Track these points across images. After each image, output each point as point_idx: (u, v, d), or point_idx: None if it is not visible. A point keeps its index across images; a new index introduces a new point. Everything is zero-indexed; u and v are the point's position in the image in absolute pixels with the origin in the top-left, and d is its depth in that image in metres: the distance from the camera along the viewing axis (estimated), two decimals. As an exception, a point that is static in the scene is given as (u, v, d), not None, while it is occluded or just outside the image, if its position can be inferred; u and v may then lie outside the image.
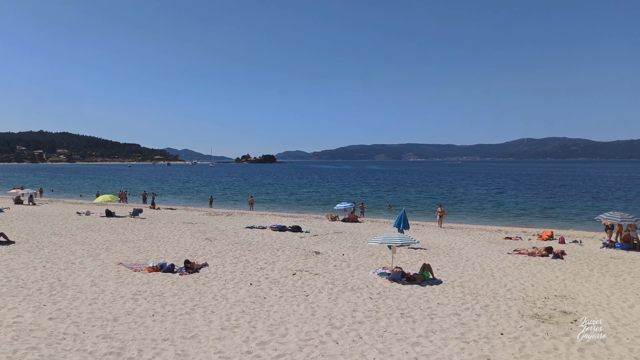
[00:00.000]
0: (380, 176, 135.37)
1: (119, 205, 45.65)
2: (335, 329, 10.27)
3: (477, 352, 9.01)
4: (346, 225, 31.05)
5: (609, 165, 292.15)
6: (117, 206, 44.28)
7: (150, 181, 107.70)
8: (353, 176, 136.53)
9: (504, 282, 15.11)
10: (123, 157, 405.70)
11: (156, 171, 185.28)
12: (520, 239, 25.82)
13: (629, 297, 13.34)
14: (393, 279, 14.88)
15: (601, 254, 20.97)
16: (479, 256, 19.84)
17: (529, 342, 9.61)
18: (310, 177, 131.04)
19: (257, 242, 22.55)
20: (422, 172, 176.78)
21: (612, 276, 16.16)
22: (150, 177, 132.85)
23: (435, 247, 22.28)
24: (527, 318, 11.23)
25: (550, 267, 17.75)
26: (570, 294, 13.58)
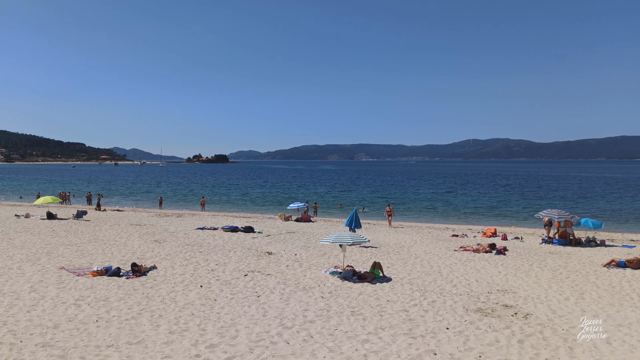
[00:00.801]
0: (334, 176, 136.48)
1: (62, 207, 43.72)
2: (286, 329, 10.31)
3: (424, 347, 9.30)
4: (299, 225, 31.14)
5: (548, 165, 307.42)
6: (60, 208, 42.37)
7: (96, 182, 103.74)
8: (307, 176, 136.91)
9: (450, 278, 15.64)
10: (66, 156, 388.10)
11: (102, 171, 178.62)
12: (466, 236, 26.78)
13: (564, 290, 14.13)
14: (344, 277, 15.07)
15: (540, 250, 22.09)
16: (427, 253, 20.43)
17: (472, 335, 10.01)
18: (264, 177, 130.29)
19: (208, 243, 22.24)
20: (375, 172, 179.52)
21: (550, 270, 17.05)
22: (96, 177, 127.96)
23: (386, 245, 22.74)
24: (472, 312, 11.68)
25: (494, 262, 18.52)
26: (511, 288, 14.23)
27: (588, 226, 24.37)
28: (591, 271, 16.99)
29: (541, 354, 9.00)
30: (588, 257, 20.18)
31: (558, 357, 8.85)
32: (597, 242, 24.03)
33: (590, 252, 21.46)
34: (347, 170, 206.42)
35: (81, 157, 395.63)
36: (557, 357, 8.82)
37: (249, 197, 63.48)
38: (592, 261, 19.07)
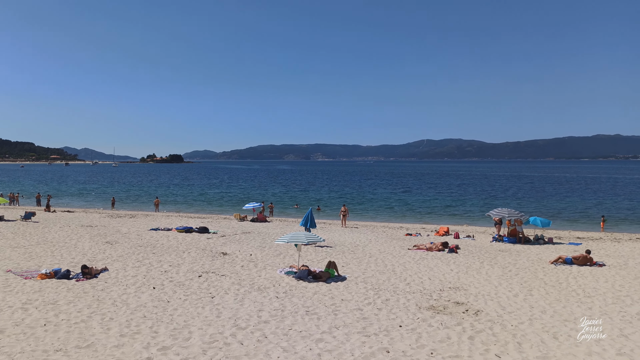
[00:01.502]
0: (291, 176, 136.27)
1: (9, 208, 41.65)
2: (240, 329, 10.14)
3: (377, 345, 9.34)
4: (255, 225, 30.83)
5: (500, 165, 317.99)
6: (7, 209, 40.36)
7: (45, 182, 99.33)
8: (263, 176, 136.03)
9: (404, 276, 15.85)
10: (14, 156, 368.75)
11: (53, 171, 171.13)
12: (419, 235, 27.27)
13: (514, 286, 14.57)
14: (299, 277, 15.00)
15: (491, 248, 22.75)
16: (381, 252, 20.64)
17: (425, 332, 10.14)
18: (220, 177, 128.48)
19: (161, 244, 21.66)
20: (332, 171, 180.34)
21: (500, 268, 17.57)
22: (45, 177, 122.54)
23: (341, 244, 22.83)
24: (424, 310, 11.86)
25: (446, 261, 18.92)
26: (463, 286, 14.56)
27: (537, 224, 25.31)
28: (539, 268, 17.62)
29: (491, 349, 9.21)
30: (536, 254, 20.93)
31: (507, 352, 9.08)
32: (545, 239, 24.99)
33: (538, 250, 22.28)
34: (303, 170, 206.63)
35: (30, 156, 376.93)
36: (506, 353, 9.05)
37: (204, 198, 62.42)
38: (541, 258, 19.80)
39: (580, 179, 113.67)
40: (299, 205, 50.03)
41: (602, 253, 21.26)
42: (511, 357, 8.83)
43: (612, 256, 20.51)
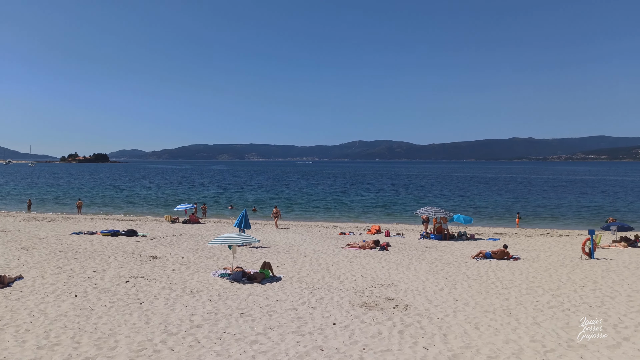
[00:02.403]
0: (225, 176, 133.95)
1: None
2: (171, 335, 9.90)
3: (311, 344, 9.48)
4: (187, 227, 30.10)
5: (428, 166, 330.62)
6: None
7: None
8: (196, 176, 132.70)
9: (338, 274, 16.16)
10: None
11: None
12: (352, 234, 27.87)
13: (439, 281, 15.30)
14: (234, 279, 14.87)
15: (419, 244, 23.71)
16: (316, 252, 20.89)
17: (357, 329, 10.42)
18: (150, 177, 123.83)
19: (84, 249, 20.60)
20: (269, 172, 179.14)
21: (427, 263, 18.36)
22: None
23: (276, 245, 22.85)
24: (357, 307, 12.17)
25: (378, 258, 19.49)
26: (393, 282, 15.08)
27: (460, 222, 26.65)
28: (462, 263, 18.60)
29: (419, 342, 9.64)
30: (460, 250, 22.07)
31: (434, 344, 9.54)
32: (467, 236, 26.40)
33: (462, 246, 23.50)
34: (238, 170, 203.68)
35: None
36: (432, 344, 9.51)
37: (133, 199, 59.91)
38: (464, 253, 20.89)
39: (499, 179, 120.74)
40: (234, 206, 49.35)
41: (517, 247, 22.81)
42: (437, 348, 9.29)
43: (526, 250, 22.07)
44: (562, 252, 21.42)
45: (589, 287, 14.47)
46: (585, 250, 19.87)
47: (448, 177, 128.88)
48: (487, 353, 9.02)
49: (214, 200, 56.11)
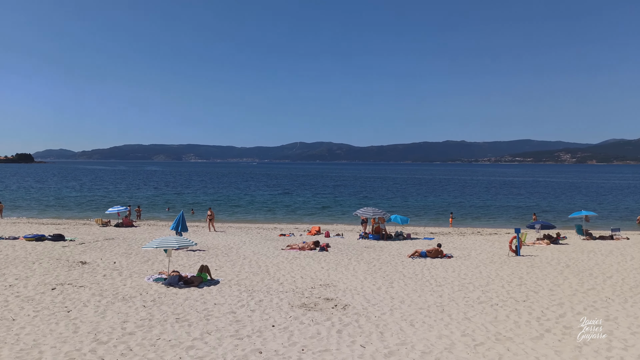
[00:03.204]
0: (162, 177, 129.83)
1: None
2: (101, 344, 9.47)
3: (250, 347, 9.39)
4: (120, 231, 28.90)
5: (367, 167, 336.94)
6: None
7: None
8: (131, 178, 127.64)
9: (277, 276, 16.11)
10: None
11: None
12: (293, 235, 27.89)
13: (377, 280, 15.63)
14: (169, 283, 14.45)
15: (358, 244, 24.11)
16: (255, 254, 20.73)
17: (296, 330, 10.44)
18: (80, 178, 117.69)
19: (5, 255, 19.25)
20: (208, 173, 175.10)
21: (366, 263, 18.71)
22: None
23: (215, 247, 22.45)
24: (296, 308, 12.19)
25: (317, 259, 19.63)
26: (332, 282, 15.24)
27: (397, 222, 27.39)
28: (399, 262, 19.11)
29: (357, 340, 9.80)
30: (397, 249, 22.66)
31: (371, 342, 9.73)
32: (404, 235, 27.17)
33: (398, 245, 24.14)
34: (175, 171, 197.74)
35: None
36: (370, 342, 9.69)
37: (60, 202, 56.66)
38: (400, 253, 21.48)
39: (435, 180, 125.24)
40: (172, 208, 47.91)
41: (450, 246, 23.75)
42: (374, 346, 9.48)
43: (458, 248, 23.03)
44: (491, 250, 22.53)
45: (515, 282, 15.30)
46: (512, 248, 21.01)
47: (388, 179, 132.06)
48: (422, 349, 9.32)
49: (150, 203, 54.28)
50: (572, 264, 18.61)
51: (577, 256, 20.71)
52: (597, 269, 17.63)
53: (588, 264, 18.60)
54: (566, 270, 17.39)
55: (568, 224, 34.54)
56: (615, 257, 20.42)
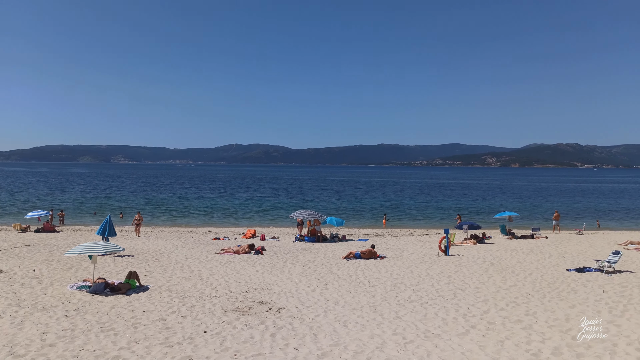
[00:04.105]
0: (90, 180, 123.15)
1: None
2: (18, 357, 8.84)
3: (180, 354, 9.11)
4: (40, 237, 27.13)
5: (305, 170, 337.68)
6: None
7: None
8: (54, 180, 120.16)
9: (211, 281, 15.78)
10: None
11: None
12: (227, 239, 27.44)
13: (312, 282, 15.71)
14: (95, 291, 13.75)
15: (293, 247, 24.12)
16: (188, 258, 20.19)
17: (229, 335, 10.26)
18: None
19: None
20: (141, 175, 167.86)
21: (301, 266, 18.75)
22: None
23: (144, 253, 21.62)
24: (229, 313, 11.99)
25: (252, 262, 19.43)
26: (267, 286, 15.14)
27: (332, 224, 27.69)
28: (334, 263, 19.31)
29: (290, 343, 9.78)
30: (332, 251, 22.90)
31: (304, 344, 9.74)
32: (339, 237, 27.51)
33: (334, 247, 24.41)
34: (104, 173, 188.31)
35: None
36: (303, 345, 9.71)
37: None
38: (335, 254, 21.72)
39: (372, 182, 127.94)
40: (99, 212, 45.56)
41: (384, 247, 24.34)
42: (308, 348, 9.51)
43: (391, 249, 23.64)
44: (422, 250, 23.32)
45: (444, 281, 15.92)
46: (441, 248, 21.85)
47: (325, 181, 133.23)
48: (354, 349, 9.45)
49: (75, 207, 51.35)
50: (496, 262, 19.63)
51: (501, 255, 21.88)
52: (518, 266, 18.70)
53: (511, 262, 19.70)
54: (491, 268, 18.32)
55: (493, 224, 36.44)
56: (535, 255, 21.77)
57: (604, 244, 25.75)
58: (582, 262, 19.38)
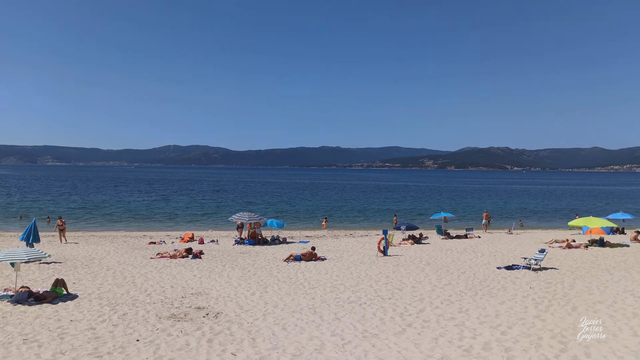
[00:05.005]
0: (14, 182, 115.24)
1: None
2: None
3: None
4: (-44, 243, 25.11)
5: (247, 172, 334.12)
6: None
7: None
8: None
9: (145, 287, 15.19)
10: None
11: None
12: (164, 243, 26.58)
13: (251, 286, 15.50)
14: (17, 300, 12.86)
15: (233, 250, 23.75)
16: (121, 264, 19.35)
17: (163, 343, 9.90)
18: None
19: None
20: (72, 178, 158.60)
21: (241, 269, 18.47)
22: None
23: (73, 259, 20.52)
24: (164, 319, 11.58)
25: (190, 267, 18.91)
26: (205, 290, 14.77)
27: (273, 226, 27.54)
28: (274, 266, 19.18)
29: (227, 349, 9.57)
30: (272, 253, 22.74)
31: (242, 349, 9.57)
32: (280, 240, 27.38)
33: (274, 249, 24.25)
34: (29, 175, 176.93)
35: None
36: (241, 350, 9.53)
37: None
38: (276, 257, 21.58)
39: (315, 185, 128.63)
40: (24, 217, 42.70)
41: (324, 249, 24.49)
42: (245, 353, 9.34)
43: (332, 251, 23.82)
44: (362, 251, 23.65)
45: (382, 281, 16.21)
46: (380, 248, 22.26)
47: (268, 183, 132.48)
48: (293, 352, 9.39)
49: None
50: (432, 262, 20.24)
51: (436, 254, 22.60)
52: (453, 265, 19.38)
53: (446, 261, 20.39)
54: (427, 267, 18.87)
55: (430, 225, 37.64)
56: (468, 254, 22.65)
57: (531, 242, 27.21)
58: (512, 260, 20.36)
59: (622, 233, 30.69)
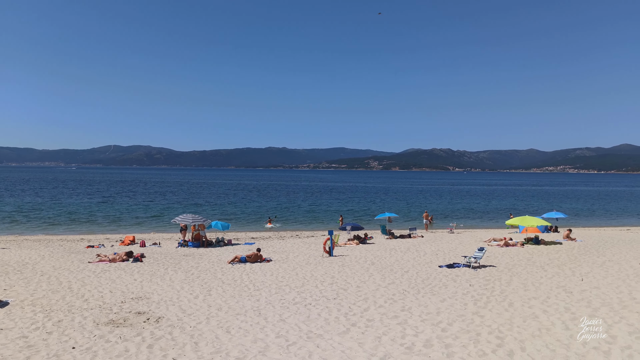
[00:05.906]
0: None
1: None
2: None
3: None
4: None
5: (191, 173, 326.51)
6: None
7: None
8: None
9: (82, 292, 14.57)
10: None
11: None
12: (103, 246, 25.57)
13: (195, 289, 15.21)
14: (-62, 311, 11.98)
15: (176, 253, 23.20)
16: (56, 269, 18.45)
17: (101, 350, 9.54)
18: None
19: None
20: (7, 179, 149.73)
21: (184, 272, 18.08)
22: None
23: (4, 264, 19.33)
24: (102, 325, 11.16)
25: (130, 271, 18.30)
26: (146, 295, 14.35)
27: (218, 228, 27.10)
28: (219, 269, 18.91)
29: (169, 354, 9.36)
30: (217, 256, 22.40)
31: (184, 354, 9.38)
32: (225, 241, 27.01)
33: (219, 252, 23.89)
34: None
35: None
36: (183, 354, 9.34)
37: None
38: (220, 259, 21.28)
39: (262, 186, 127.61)
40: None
41: (270, 250, 24.40)
42: (187, 357, 9.17)
43: (278, 252, 23.77)
44: (307, 252, 23.75)
45: (327, 281, 16.35)
46: (325, 249, 22.45)
47: (215, 185, 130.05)
48: (236, 355, 9.31)
49: None
50: (376, 262, 20.63)
51: (381, 254, 23.05)
52: (397, 265, 19.85)
53: (389, 261, 20.84)
54: (372, 267, 19.21)
55: (375, 225, 38.33)
56: (411, 253, 23.26)
57: (471, 241, 28.30)
58: (453, 259, 21.11)
59: (556, 231, 32.49)
